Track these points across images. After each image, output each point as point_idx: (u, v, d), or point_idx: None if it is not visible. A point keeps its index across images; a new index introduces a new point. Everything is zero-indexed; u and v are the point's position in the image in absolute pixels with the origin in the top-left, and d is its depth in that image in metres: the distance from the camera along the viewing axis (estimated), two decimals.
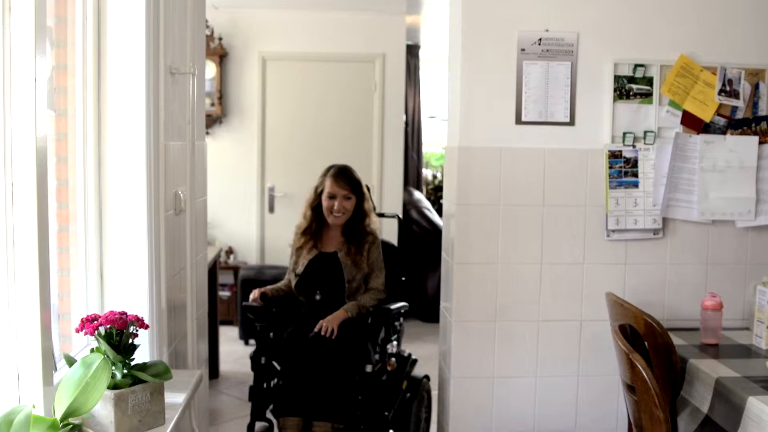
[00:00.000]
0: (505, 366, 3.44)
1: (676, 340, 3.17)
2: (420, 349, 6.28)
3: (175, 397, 2.40)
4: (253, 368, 3.82)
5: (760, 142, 3.50)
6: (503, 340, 3.43)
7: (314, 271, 3.97)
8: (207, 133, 6.89)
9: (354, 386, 3.65)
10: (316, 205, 4.04)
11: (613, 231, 3.43)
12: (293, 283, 4.01)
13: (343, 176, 4.02)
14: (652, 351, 2.82)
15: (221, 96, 7.13)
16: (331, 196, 3.97)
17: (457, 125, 3.41)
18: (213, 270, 5.33)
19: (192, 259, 3.29)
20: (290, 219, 7.16)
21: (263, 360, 3.79)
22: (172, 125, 3.00)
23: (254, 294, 3.87)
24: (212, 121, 7.10)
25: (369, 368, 3.69)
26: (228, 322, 6.88)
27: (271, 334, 3.83)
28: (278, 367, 3.82)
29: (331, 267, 3.96)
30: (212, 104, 7.04)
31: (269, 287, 4.00)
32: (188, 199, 3.23)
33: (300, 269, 3.97)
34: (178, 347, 3.13)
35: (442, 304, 3.67)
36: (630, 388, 2.53)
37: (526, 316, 3.43)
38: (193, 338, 3.31)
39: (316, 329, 3.72)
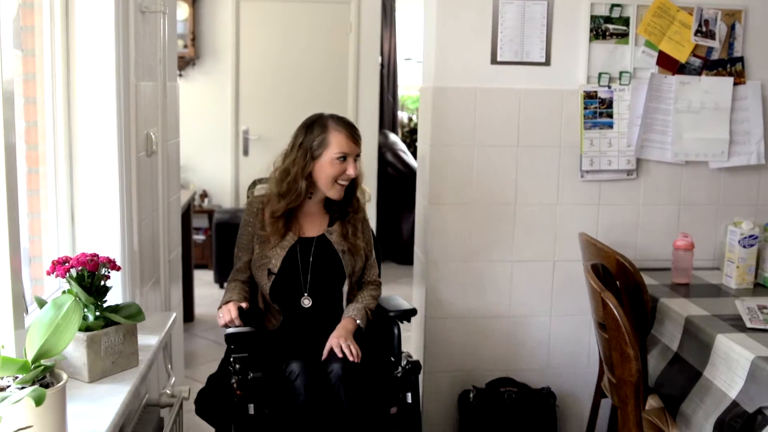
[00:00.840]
0: (479, 306, 3.46)
1: (648, 279, 3.20)
2: (395, 291, 6.31)
3: (148, 339, 2.40)
4: (231, 420, 2.74)
5: (735, 84, 3.49)
6: (478, 281, 3.45)
7: (297, 266, 2.94)
8: (180, 75, 6.82)
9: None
10: (309, 173, 2.91)
11: (587, 172, 3.43)
12: (266, 286, 2.91)
13: (354, 128, 3.00)
14: (623, 290, 2.85)
15: (194, 38, 7.02)
16: (342, 157, 2.88)
17: (432, 65, 3.38)
18: (187, 213, 5.30)
19: (164, 200, 3.27)
20: (265, 162, 7.16)
21: (252, 409, 2.68)
22: (142, 65, 2.96)
23: (231, 313, 2.77)
24: (185, 63, 7.00)
25: (395, 410, 2.85)
26: (203, 266, 6.87)
27: (251, 373, 2.71)
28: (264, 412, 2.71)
29: (322, 258, 2.96)
30: (185, 46, 6.93)
31: (237, 296, 2.90)
32: (160, 141, 3.19)
33: (276, 266, 2.90)
34: (151, 290, 3.13)
35: (417, 246, 3.67)
36: (601, 326, 2.55)
37: (501, 257, 3.44)
38: (166, 280, 3.30)
39: (326, 354, 2.75)
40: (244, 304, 2.82)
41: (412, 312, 3.05)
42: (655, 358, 2.95)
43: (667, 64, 3.44)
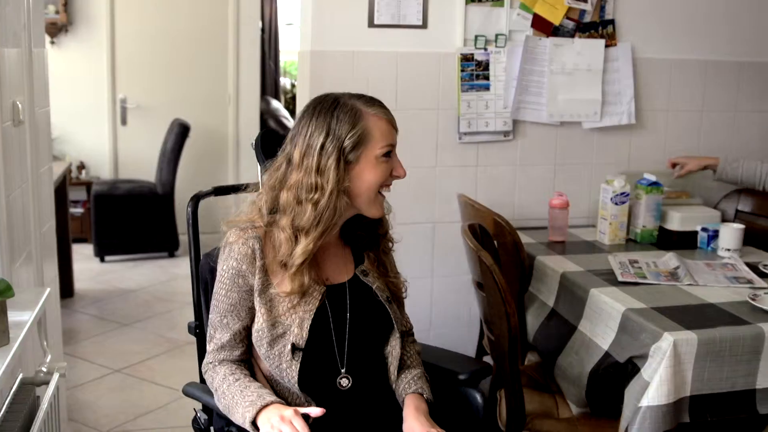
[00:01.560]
0: None
1: (525, 238, 3.26)
2: None
3: (20, 316, 2.31)
4: None
5: (607, 46, 3.58)
6: None
7: (330, 333, 1.98)
8: (52, 42, 6.57)
9: None
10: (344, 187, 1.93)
11: (465, 134, 3.46)
12: (290, 371, 1.92)
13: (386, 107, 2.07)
14: (501, 249, 2.90)
15: (66, 3, 6.76)
16: (388, 152, 2.01)
17: (309, 29, 3.34)
18: (62, 186, 5.13)
19: (34, 172, 3.14)
20: (144, 131, 7.04)
21: None
22: (6, 31, 2.82)
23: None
24: (57, 29, 6.73)
25: None
26: (82, 240, 6.68)
27: None
28: None
29: (361, 313, 2.04)
30: (57, 11, 6.67)
31: (270, 395, 1.88)
32: (27, 110, 3.06)
33: (302, 337, 1.92)
34: (23, 265, 3.01)
35: None
36: (479, 285, 2.59)
37: None
38: (38, 255, 3.19)
39: None
40: (315, 411, 1.80)
41: (487, 371, 2.30)
42: (533, 314, 3.01)
43: (542, 26, 3.50)
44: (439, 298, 3.57)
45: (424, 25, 3.39)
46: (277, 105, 7.88)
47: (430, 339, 3.57)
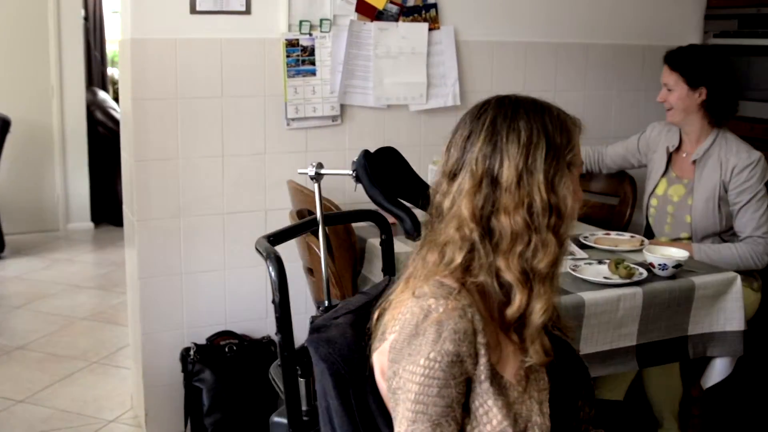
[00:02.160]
0: (192, 262, 3.40)
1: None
2: (114, 255, 6.11)
3: None
4: None
5: (430, 29, 3.63)
6: (189, 236, 3.38)
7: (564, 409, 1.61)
8: None
9: None
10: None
11: (293, 120, 3.45)
12: None
13: None
14: (332, 234, 2.90)
15: None
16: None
17: (129, 17, 3.23)
18: None
19: None
20: None
21: None
22: None
23: None
24: None
25: None
26: None
27: None
28: None
29: (569, 377, 1.67)
30: None
31: None
32: None
33: (546, 425, 1.52)
34: None
35: (125, 205, 3.54)
36: (310, 271, 2.59)
37: (211, 210, 3.39)
38: None
39: None
40: None
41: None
42: None
43: (366, 11, 3.51)
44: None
45: (248, 11, 3.34)
46: (104, 96, 7.63)
47: (268, 327, 3.55)
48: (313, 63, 3.45)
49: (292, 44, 3.41)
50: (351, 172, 1.95)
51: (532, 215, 1.49)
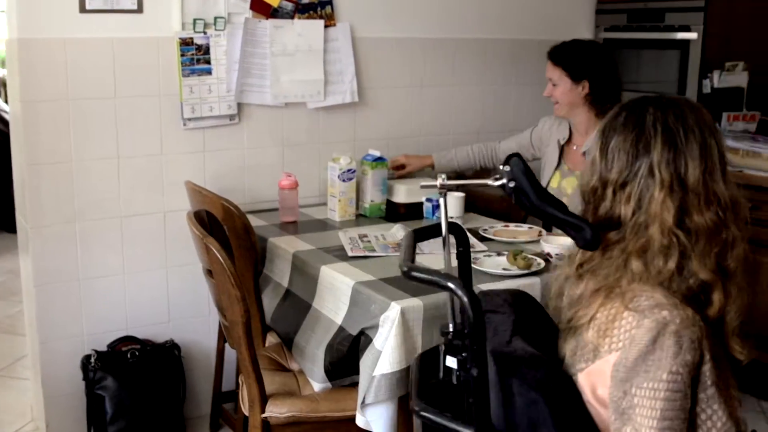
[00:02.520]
0: (90, 267, 3.32)
1: (257, 221, 3.26)
2: (9, 262, 5.93)
3: None
4: None
5: (326, 26, 3.62)
6: (85, 241, 3.29)
7: None
8: None
9: None
10: None
11: (189, 119, 3.39)
12: None
13: None
14: (231, 234, 2.87)
15: None
16: None
17: (15, 16, 3.13)
18: None
19: None
20: None
21: None
22: None
23: None
24: None
25: None
26: None
27: None
28: None
29: None
30: None
31: None
32: None
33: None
34: None
35: (18, 212, 3.43)
36: (209, 272, 2.56)
37: (108, 213, 3.31)
38: None
39: None
40: None
41: None
42: (269, 296, 3.02)
43: (261, 8, 3.48)
44: (176, 290, 3.49)
45: (140, 9, 3.27)
46: None
47: (170, 331, 3.50)
48: (208, 62, 3.40)
49: (186, 43, 3.35)
50: (499, 182, 1.69)
51: (719, 212, 1.52)
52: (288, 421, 2.56)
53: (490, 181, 1.64)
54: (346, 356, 2.54)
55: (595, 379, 1.53)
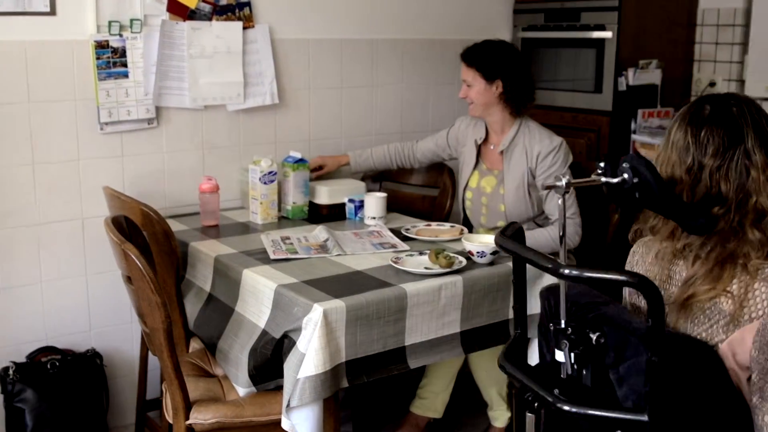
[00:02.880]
0: (6, 276, 3.23)
1: (178, 226, 3.23)
2: None
3: None
4: None
5: (245, 28, 3.60)
6: (1, 250, 3.21)
7: None
8: None
9: None
10: None
11: (107, 124, 3.33)
12: None
13: None
14: (151, 239, 2.83)
15: None
16: None
17: None
18: None
19: None
20: None
21: None
22: None
23: None
24: None
25: None
26: None
27: None
28: None
29: None
30: None
31: None
32: None
33: None
34: None
35: None
36: (128, 279, 2.52)
37: (23, 221, 3.22)
38: None
39: None
40: None
41: None
42: (191, 301, 2.99)
43: (178, 10, 3.44)
44: (97, 297, 3.42)
45: (53, 12, 3.20)
46: None
47: (91, 339, 3.43)
48: (125, 65, 3.35)
49: (101, 46, 3.29)
50: (618, 179, 1.73)
51: None
52: (213, 427, 2.53)
53: (612, 180, 1.73)
54: (270, 360, 2.53)
55: (735, 347, 1.73)
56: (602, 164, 1.73)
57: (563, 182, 1.71)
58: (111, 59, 3.32)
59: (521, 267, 2.07)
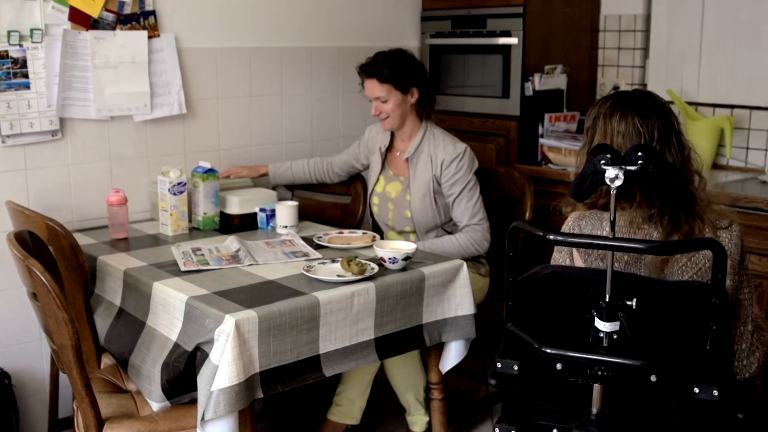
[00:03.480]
0: None
1: (86, 239, 3.16)
2: None
3: None
4: None
5: (150, 37, 3.55)
6: None
7: None
8: None
9: None
10: None
11: (9, 136, 3.24)
12: None
13: None
14: (58, 254, 2.76)
15: None
16: None
17: None
18: None
19: None
20: None
21: None
22: None
23: None
24: None
25: None
26: None
27: None
28: None
29: None
30: None
31: None
32: None
33: None
34: None
35: None
36: (34, 296, 2.46)
37: None
38: None
39: None
40: None
41: None
42: (101, 316, 2.93)
43: (80, 19, 3.37)
44: (2, 315, 3.32)
45: None
46: None
47: None
48: (26, 76, 3.27)
49: (1, 56, 3.21)
50: (635, 166, 1.95)
51: None
52: None
53: (631, 167, 1.91)
54: (183, 373, 2.50)
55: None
56: (608, 156, 1.92)
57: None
58: (11, 70, 3.23)
59: None
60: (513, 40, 4.12)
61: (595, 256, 2.24)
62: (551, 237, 1.89)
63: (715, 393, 1.82)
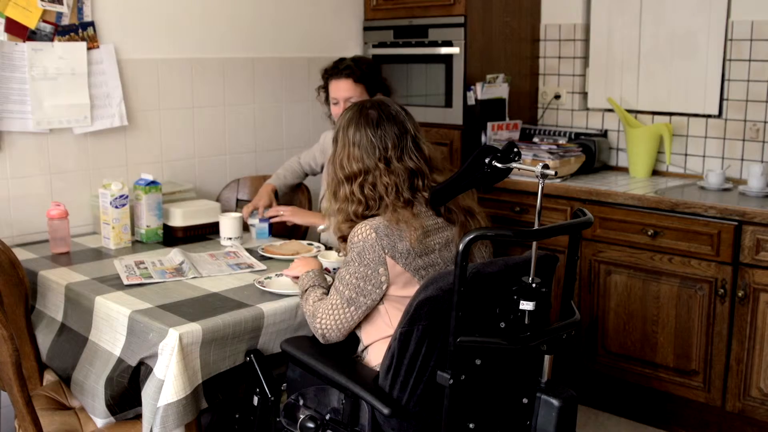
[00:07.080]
0: None
1: (26, 254, 3.12)
2: None
3: None
4: None
5: (89, 48, 3.51)
6: None
7: None
8: None
9: None
10: None
11: None
12: None
13: None
14: None
15: None
16: None
17: None
18: None
19: None
20: None
21: None
22: None
23: None
24: None
25: None
26: None
27: None
28: None
29: None
30: None
31: None
32: None
33: None
34: None
35: None
36: None
37: None
38: None
39: None
40: None
41: None
42: (43, 332, 2.88)
43: (16, 30, 3.32)
44: None
45: None
46: None
47: None
48: None
49: None
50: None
51: None
52: None
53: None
54: (127, 388, 2.47)
55: None
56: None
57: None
58: None
59: None
60: (455, 50, 4.15)
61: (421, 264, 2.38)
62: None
63: None
